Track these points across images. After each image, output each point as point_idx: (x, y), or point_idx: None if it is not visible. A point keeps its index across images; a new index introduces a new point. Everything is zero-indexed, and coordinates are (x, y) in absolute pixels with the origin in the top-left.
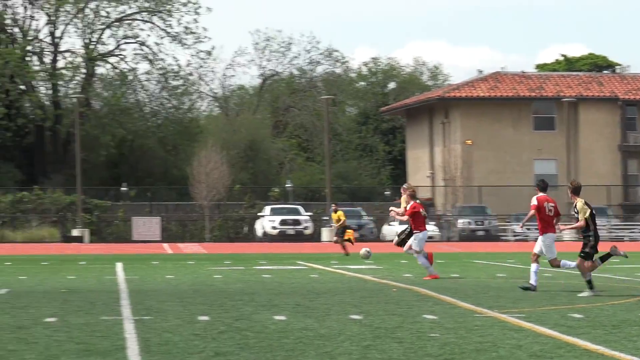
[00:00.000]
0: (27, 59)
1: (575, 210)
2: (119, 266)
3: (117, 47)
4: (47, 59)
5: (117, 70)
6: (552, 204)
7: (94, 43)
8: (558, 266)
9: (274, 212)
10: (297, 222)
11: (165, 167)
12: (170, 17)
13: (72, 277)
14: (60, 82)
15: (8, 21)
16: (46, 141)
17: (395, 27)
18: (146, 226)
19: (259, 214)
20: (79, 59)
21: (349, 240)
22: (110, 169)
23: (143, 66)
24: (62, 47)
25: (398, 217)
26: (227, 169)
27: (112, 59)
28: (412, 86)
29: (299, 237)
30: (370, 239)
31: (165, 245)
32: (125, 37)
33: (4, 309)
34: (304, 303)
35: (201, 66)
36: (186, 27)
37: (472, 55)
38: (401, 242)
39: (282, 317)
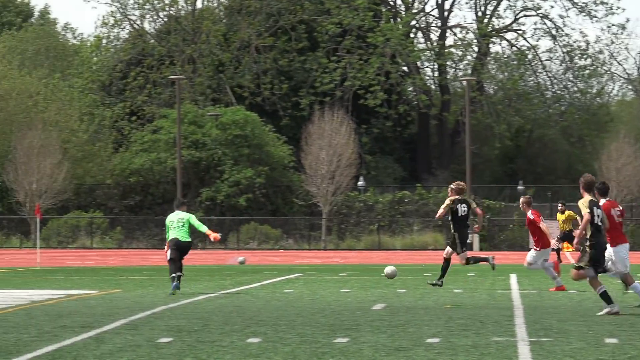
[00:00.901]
0: (411, 35)
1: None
2: (513, 278)
3: (515, 20)
4: (434, 36)
5: (515, 49)
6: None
7: (488, 16)
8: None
9: None
10: None
11: (569, 162)
12: None
13: (458, 291)
14: (449, 63)
15: None
16: (431, 132)
17: None
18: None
19: None
20: (470, 36)
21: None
22: (505, 164)
23: (545, 43)
24: (451, 22)
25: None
26: None
27: (508, 35)
28: None
29: None
30: None
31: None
32: (525, 9)
33: (380, 327)
34: None
35: (613, 42)
36: None
37: None
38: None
39: None
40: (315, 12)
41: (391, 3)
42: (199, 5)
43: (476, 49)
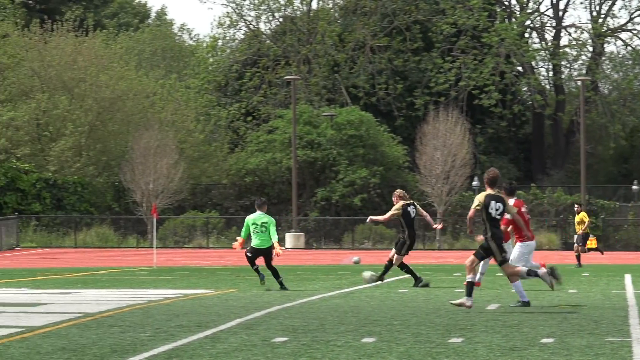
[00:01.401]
0: (526, 35)
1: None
2: (628, 278)
3: (630, 20)
4: (548, 36)
5: (630, 48)
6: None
7: (603, 16)
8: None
9: None
10: None
11: None
12: None
13: (572, 291)
14: (563, 63)
15: None
16: (545, 132)
17: None
18: None
19: None
20: (585, 35)
21: (595, 249)
22: (619, 164)
23: None
24: (566, 22)
25: None
26: None
27: (623, 35)
28: None
29: None
30: None
31: None
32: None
33: (495, 327)
34: None
35: None
36: None
37: None
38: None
39: None
40: (430, 12)
41: (506, 3)
42: (314, 5)
43: (591, 48)
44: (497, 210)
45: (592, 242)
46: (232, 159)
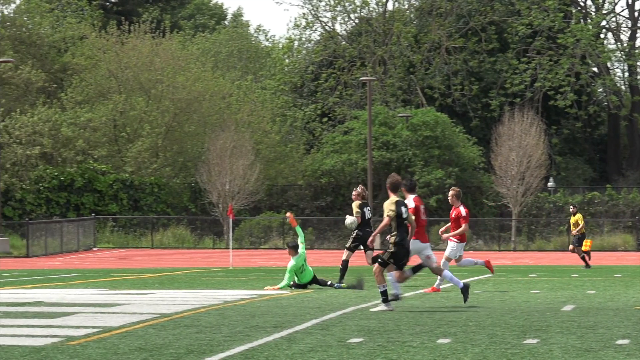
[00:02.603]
0: (601, 36)
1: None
2: None
3: None
4: (624, 37)
5: None
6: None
7: None
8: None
9: None
10: None
11: None
12: None
13: None
14: (639, 63)
15: None
16: (621, 132)
17: None
18: None
19: None
20: None
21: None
22: None
23: None
24: None
25: None
26: None
27: None
28: None
29: None
30: None
31: None
32: None
33: (570, 328)
34: None
35: None
36: None
37: None
38: None
39: None
40: (505, 13)
41: (581, 4)
42: (389, 6)
43: None
44: (405, 214)
45: (587, 244)
46: (307, 160)
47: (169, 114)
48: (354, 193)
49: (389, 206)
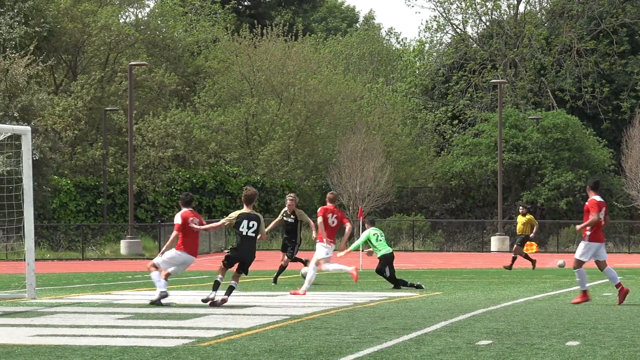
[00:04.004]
0: None
1: None
2: None
3: None
4: None
5: None
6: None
7: None
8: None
9: None
10: None
11: None
12: None
13: None
14: None
15: None
16: None
17: None
18: None
19: None
20: None
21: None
22: None
23: None
24: None
25: None
26: None
27: None
28: None
29: None
30: None
31: None
32: None
33: None
34: None
35: None
36: None
37: None
38: None
39: None
40: (637, 15)
41: None
42: (521, 9)
43: None
44: (249, 228)
45: (531, 247)
46: (438, 162)
47: (301, 116)
48: (289, 201)
49: (231, 215)
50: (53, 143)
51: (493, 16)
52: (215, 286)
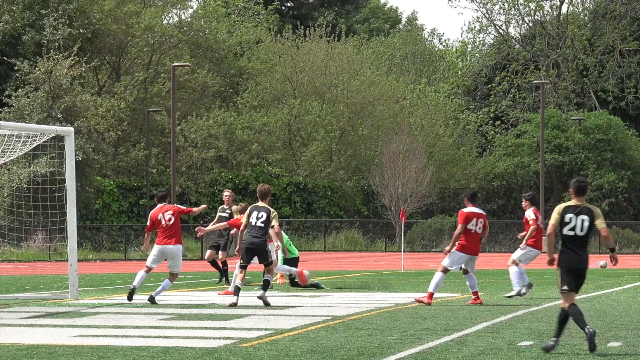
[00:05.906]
0: None
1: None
2: None
3: None
4: None
5: None
6: None
7: None
8: None
9: None
10: None
11: None
12: None
13: None
14: None
15: None
16: None
17: None
18: None
19: None
20: None
21: None
22: None
23: None
24: None
25: None
26: None
27: None
28: None
29: None
30: None
31: None
32: None
33: None
34: None
35: None
36: None
37: None
38: None
39: None
40: None
41: None
42: (563, 10)
43: None
44: (258, 218)
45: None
46: (480, 163)
47: (343, 117)
48: (232, 202)
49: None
50: (96, 144)
51: (536, 17)
52: (237, 291)
